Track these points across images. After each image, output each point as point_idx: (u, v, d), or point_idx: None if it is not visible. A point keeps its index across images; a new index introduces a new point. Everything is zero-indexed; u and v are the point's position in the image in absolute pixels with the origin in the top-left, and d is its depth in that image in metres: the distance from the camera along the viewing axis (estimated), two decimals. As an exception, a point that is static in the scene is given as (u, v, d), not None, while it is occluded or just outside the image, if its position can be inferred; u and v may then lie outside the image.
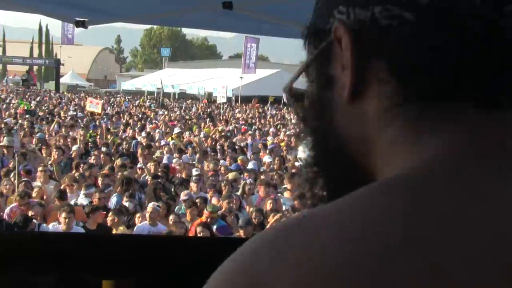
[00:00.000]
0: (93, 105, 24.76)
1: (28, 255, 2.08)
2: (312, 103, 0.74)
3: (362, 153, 0.69)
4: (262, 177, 11.01)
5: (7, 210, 8.25)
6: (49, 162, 11.57)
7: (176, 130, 18.38)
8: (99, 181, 10.23)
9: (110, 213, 8.24)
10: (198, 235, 7.41)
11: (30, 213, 7.91)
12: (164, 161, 12.80)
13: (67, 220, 7.50)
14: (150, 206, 8.34)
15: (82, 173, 10.54)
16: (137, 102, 41.18)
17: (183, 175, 11.28)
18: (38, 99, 36.84)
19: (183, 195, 9.47)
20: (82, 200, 9.19)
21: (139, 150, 13.22)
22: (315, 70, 0.73)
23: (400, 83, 0.64)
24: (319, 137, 0.74)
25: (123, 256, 2.24)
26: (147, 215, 8.24)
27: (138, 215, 8.52)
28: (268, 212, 8.72)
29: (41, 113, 24.51)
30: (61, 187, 9.49)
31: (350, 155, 0.70)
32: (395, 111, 0.65)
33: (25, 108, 27.08)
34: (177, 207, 9.21)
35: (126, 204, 9.07)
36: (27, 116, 22.38)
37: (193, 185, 10.14)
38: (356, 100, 0.68)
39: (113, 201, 9.42)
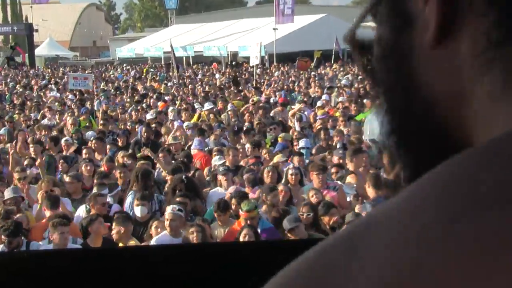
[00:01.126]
0: (79, 82, 25.08)
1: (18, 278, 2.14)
2: (385, 52, 0.74)
3: (452, 113, 0.69)
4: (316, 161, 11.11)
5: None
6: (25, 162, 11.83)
7: (208, 105, 18.65)
8: (94, 181, 10.49)
9: (114, 223, 8.36)
10: (241, 239, 7.59)
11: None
12: (194, 148, 13.04)
13: (60, 236, 7.63)
14: (169, 210, 8.38)
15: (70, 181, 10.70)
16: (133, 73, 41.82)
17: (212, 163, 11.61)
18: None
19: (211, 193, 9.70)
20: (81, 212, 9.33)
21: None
22: (387, 7, 0.74)
23: (501, 14, 0.64)
24: (396, 96, 0.75)
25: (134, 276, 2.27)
26: (167, 223, 8.30)
27: (154, 224, 8.61)
28: (321, 208, 8.76)
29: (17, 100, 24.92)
30: (47, 191, 9.64)
31: (436, 116, 0.71)
32: (494, 54, 0.65)
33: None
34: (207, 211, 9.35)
35: (138, 208, 9.24)
36: None
37: (222, 179, 10.19)
38: (443, 43, 0.67)
39: (129, 201, 9.63)
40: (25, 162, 12.00)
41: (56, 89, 29.79)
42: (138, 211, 9.26)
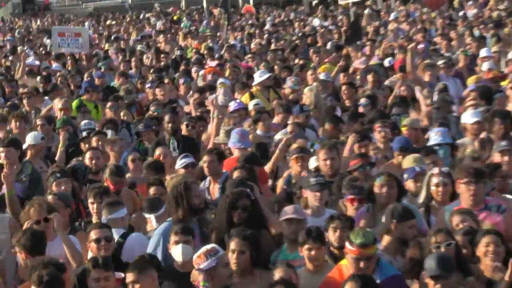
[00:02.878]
0: (68, 41, 19.64)
1: None
2: None
3: None
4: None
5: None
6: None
7: (261, 74, 14.65)
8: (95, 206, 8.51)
9: (130, 271, 6.49)
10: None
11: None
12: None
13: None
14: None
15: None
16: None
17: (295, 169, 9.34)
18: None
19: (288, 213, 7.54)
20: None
21: (183, 126, 11.48)
22: None
23: None
24: None
25: None
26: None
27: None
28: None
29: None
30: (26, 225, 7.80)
31: None
32: None
33: None
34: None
35: (178, 249, 7.02)
36: None
37: (311, 197, 7.99)
38: None
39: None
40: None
41: (34, 53, 22.37)
42: (178, 253, 7.04)
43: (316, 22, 29.24)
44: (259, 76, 14.47)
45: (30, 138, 10.81)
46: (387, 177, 7.87)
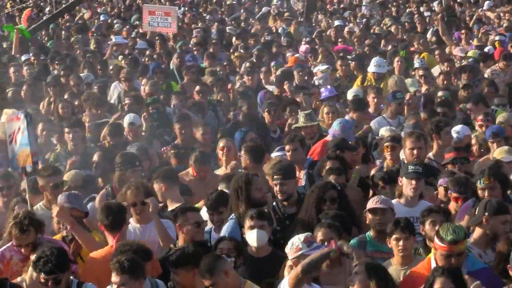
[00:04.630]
0: (159, 19, 18.31)
1: None
2: None
3: None
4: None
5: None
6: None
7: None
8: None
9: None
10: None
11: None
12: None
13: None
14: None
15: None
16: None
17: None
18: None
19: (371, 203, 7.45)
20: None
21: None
22: None
23: None
24: None
25: None
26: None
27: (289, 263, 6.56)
28: None
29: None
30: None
31: None
32: None
33: None
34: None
35: (253, 234, 7.01)
36: None
37: (406, 183, 7.88)
38: None
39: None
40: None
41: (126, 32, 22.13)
42: (253, 238, 7.03)
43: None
44: (379, 66, 14.18)
45: (129, 118, 11.18)
46: (487, 180, 7.77)
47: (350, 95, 12.77)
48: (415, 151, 8.76)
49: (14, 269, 7.21)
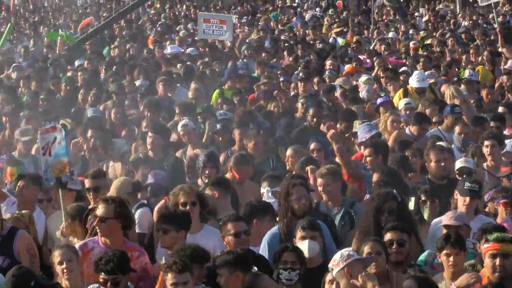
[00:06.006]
0: (214, 27, 18.60)
1: None
2: None
3: None
4: None
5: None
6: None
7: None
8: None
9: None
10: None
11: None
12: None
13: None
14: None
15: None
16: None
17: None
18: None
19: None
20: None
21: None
22: None
23: None
24: None
25: None
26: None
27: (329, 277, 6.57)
28: None
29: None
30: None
31: None
32: None
33: None
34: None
35: (305, 244, 7.01)
36: None
37: (460, 200, 7.97)
38: None
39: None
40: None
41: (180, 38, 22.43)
42: (305, 249, 6.98)
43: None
44: (422, 80, 13.99)
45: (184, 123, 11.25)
46: None
47: (402, 104, 12.64)
48: (442, 163, 8.88)
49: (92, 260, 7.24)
